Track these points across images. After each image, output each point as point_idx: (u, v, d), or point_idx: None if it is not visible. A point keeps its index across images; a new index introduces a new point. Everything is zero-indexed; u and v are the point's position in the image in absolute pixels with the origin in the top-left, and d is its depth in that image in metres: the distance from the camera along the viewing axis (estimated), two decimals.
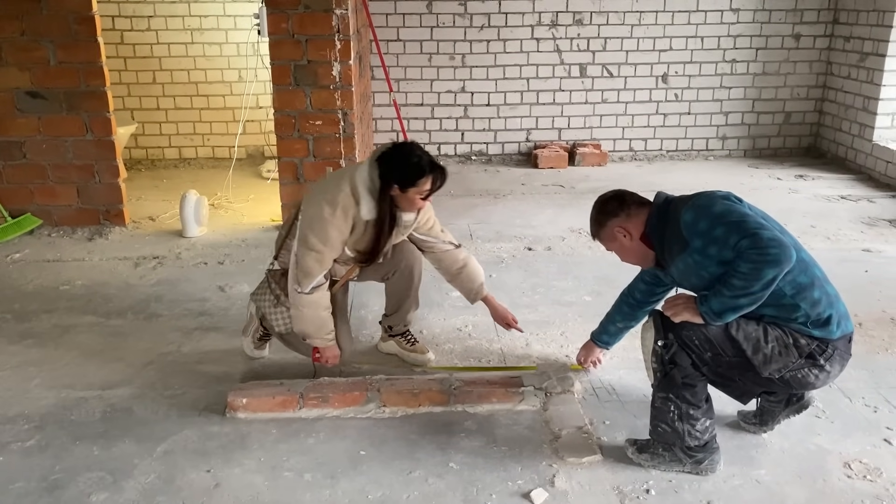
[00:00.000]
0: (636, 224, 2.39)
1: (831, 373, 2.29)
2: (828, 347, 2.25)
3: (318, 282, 2.76)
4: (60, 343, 3.32)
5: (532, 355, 3.19)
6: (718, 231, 2.17)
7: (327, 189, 2.74)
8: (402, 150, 2.68)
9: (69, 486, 2.34)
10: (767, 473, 2.39)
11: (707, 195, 2.31)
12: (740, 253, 2.11)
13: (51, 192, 4.81)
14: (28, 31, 4.52)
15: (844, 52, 6.48)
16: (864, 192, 5.66)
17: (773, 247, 2.08)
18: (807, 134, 6.94)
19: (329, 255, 2.75)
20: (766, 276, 2.09)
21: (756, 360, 2.24)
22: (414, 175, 2.65)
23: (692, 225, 2.23)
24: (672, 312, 2.28)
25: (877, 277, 3.98)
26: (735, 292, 2.14)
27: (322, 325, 2.83)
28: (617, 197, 2.46)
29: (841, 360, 2.28)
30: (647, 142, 6.93)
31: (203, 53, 6.71)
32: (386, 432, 2.62)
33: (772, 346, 2.23)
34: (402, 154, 2.66)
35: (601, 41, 6.62)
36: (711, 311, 2.19)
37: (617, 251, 2.50)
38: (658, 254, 2.41)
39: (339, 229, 2.71)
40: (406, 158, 2.65)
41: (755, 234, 2.10)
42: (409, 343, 3.17)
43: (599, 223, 2.46)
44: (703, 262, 2.22)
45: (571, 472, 2.40)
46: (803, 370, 2.26)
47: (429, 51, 6.59)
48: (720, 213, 2.21)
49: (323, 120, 4.67)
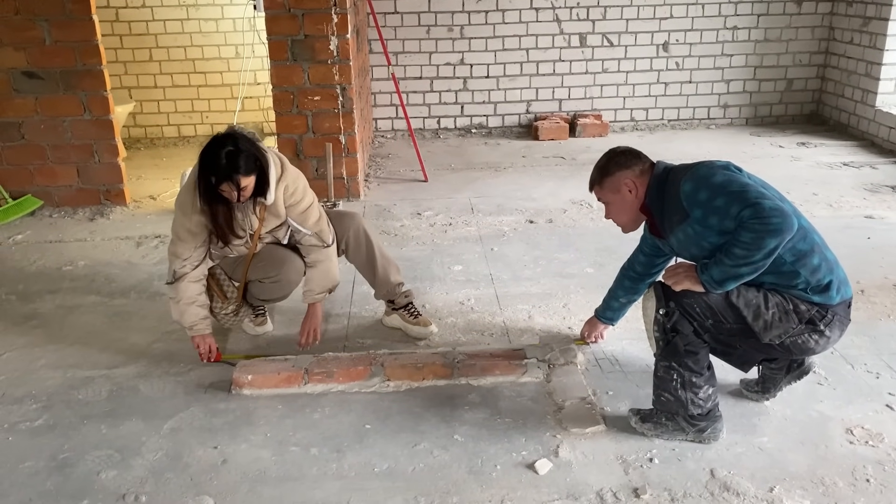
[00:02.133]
0: (642, 183, 2.38)
1: (831, 338, 2.30)
2: (827, 313, 2.25)
3: (180, 271, 2.84)
4: (65, 323, 3.34)
5: (534, 328, 3.20)
6: (719, 201, 2.16)
7: (184, 187, 2.84)
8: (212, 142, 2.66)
9: (78, 465, 2.37)
10: (770, 440, 2.41)
11: (707, 165, 2.30)
12: (742, 222, 2.11)
13: (51, 172, 4.80)
14: (22, 11, 4.47)
15: (847, 16, 6.40)
16: (866, 159, 5.63)
17: (776, 216, 2.07)
18: (809, 101, 6.89)
19: (181, 246, 2.84)
20: (769, 245, 2.09)
21: (757, 327, 2.25)
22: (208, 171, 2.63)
23: (692, 195, 2.22)
24: (673, 281, 2.28)
25: (879, 244, 3.97)
26: (736, 261, 2.14)
27: (182, 314, 2.89)
28: (632, 151, 2.44)
29: (840, 325, 2.29)
30: (649, 111, 6.88)
31: (199, 30, 6.65)
32: (390, 406, 2.64)
33: (772, 312, 2.24)
34: (209, 147, 2.66)
35: (601, 10, 6.54)
36: (712, 279, 2.20)
37: (613, 205, 2.45)
38: (658, 223, 2.41)
39: (184, 225, 2.80)
40: (207, 152, 2.64)
41: (757, 203, 2.09)
42: (413, 316, 3.18)
43: (607, 171, 2.42)
44: (703, 233, 2.22)
45: (575, 442, 2.42)
46: (803, 336, 2.27)
47: (427, 23, 6.53)
48: (721, 182, 2.20)
49: (321, 95, 4.64)
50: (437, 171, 5.55)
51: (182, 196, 2.83)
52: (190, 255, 2.84)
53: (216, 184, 2.64)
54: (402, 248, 4.11)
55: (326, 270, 3.02)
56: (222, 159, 2.60)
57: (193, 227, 2.80)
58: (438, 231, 4.36)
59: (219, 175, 2.62)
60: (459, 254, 4.00)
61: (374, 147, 6.36)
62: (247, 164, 2.64)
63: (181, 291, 2.86)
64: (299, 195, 2.90)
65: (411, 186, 5.24)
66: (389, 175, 5.54)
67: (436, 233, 4.33)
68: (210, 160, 2.63)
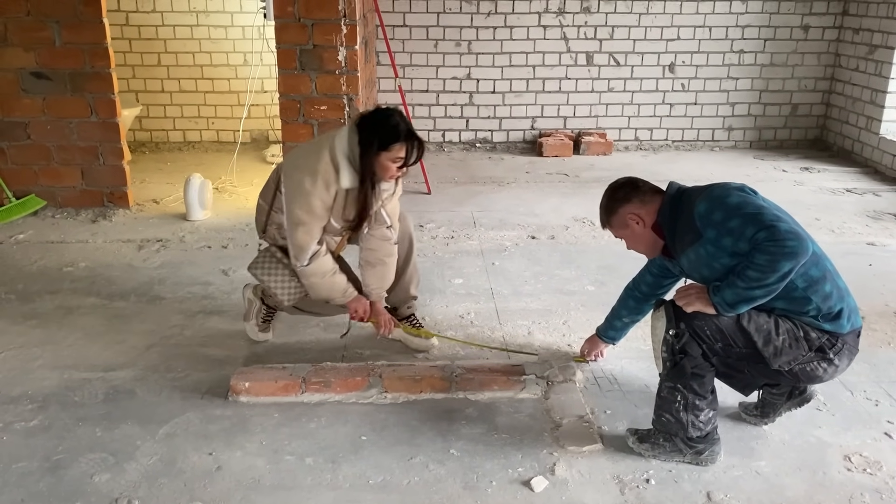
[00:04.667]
0: (649, 211, 2.37)
1: (839, 367, 2.29)
2: (837, 341, 2.24)
3: (314, 251, 2.79)
4: (64, 324, 3.33)
5: (534, 343, 3.19)
6: (734, 222, 2.15)
7: (308, 159, 2.74)
8: (380, 113, 2.68)
9: (71, 467, 2.35)
10: (767, 465, 2.39)
11: (722, 186, 2.29)
12: (757, 244, 2.09)
13: (55, 173, 4.81)
14: (34, 12, 4.50)
15: (853, 44, 6.44)
16: (869, 186, 5.63)
17: (791, 239, 2.06)
18: (813, 126, 6.91)
19: (316, 224, 2.77)
20: (783, 268, 2.08)
21: (766, 352, 2.24)
22: (388, 138, 2.63)
23: (706, 215, 2.21)
24: (684, 302, 2.27)
25: (880, 271, 3.97)
26: (750, 283, 2.13)
27: (333, 287, 2.88)
28: (630, 183, 2.44)
29: (849, 354, 2.28)
30: (653, 131, 6.91)
31: (208, 36, 6.68)
32: (387, 418, 2.63)
33: (783, 338, 2.23)
34: (380, 117, 2.66)
35: (608, 29, 6.58)
36: (724, 301, 2.18)
37: (627, 238, 2.47)
38: (669, 244, 2.40)
39: (322, 199, 2.72)
40: (383, 121, 2.64)
41: (773, 225, 2.09)
42: (414, 328, 3.18)
43: (611, 210, 2.43)
44: (716, 253, 2.21)
45: (572, 460, 2.40)
46: (812, 363, 2.27)
47: (435, 37, 6.56)
48: (736, 204, 2.19)
49: (328, 105, 4.65)
50: (440, 184, 5.56)
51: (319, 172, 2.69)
52: (319, 234, 2.80)
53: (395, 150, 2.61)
54: None
55: (392, 267, 3.01)
56: (401, 125, 2.60)
57: (330, 203, 2.75)
58: (440, 244, 4.36)
59: (405, 138, 2.61)
60: (460, 267, 4.00)
61: None
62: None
63: (323, 265, 2.83)
64: (401, 187, 2.92)
65: (414, 198, 5.25)
66: None
67: (437, 245, 4.33)
68: (386, 127, 2.61)
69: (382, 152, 2.65)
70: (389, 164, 2.67)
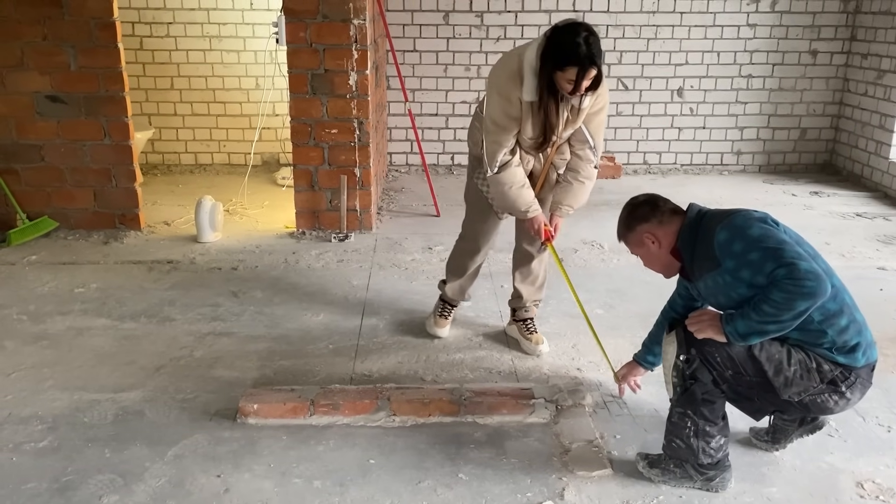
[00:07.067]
0: (666, 232, 2.35)
1: (851, 400, 2.26)
2: (851, 375, 2.22)
3: (503, 160, 2.83)
4: (74, 345, 3.35)
5: (543, 367, 3.18)
6: (754, 255, 2.13)
7: (500, 69, 2.78)
8: (568, 29, 2.58)
9: (80, 488, 2.36)
10: (779, 491, 2.37)
11: (744, 215, 2.25)
12: (775, 281, 2.07)
13: (68, 195, 4.85)
14: (50, 36, 4.57)
15: (861, 69, 6.45)
16: (879, 210, 5.62)
17: (811, 279, 2.03)
18: (822, 150, 6.91)
19: (503, 134, 2.79)
20: (799, 307, 2.06)
21: (777, 382, 2.22)
22: (564, 58, 2.56)
23: (726, 245, 2.19)
24: (696, 328, 2.25)
25: (891, 296, 3.95)
26: (764, 318, 2.10)
27: (516, 200, 2.91)
28: (650, 202, 2.41)
29: (862, 388, 2.26)
30: (662, 155, 6.92)
31: (221, 60, 6.76)
32: (395, 441, 2.63)
33: (794, 369, 2.21)
34: (565, 33, 2.58)
35: (617, 54, 6.62)
36: (736, 332, 2.16)
37: (642, 257, 2.45)
38: (687, 267, 2.37)
39: (504, 109, 2.75)
40: (567, 38, 2.56)
41: (793, 263, 2.05)
42: (529, 332, 3.26)
43: (628, 226, 2.41)
44: (734, 284, 2.18)
45: (581, 485, 2.39)
46: (823, 395, 2.24)
47: (444, 62, 6.62)
48: (757, 237, 2.16)
49: (338, 128, 4.70)
50: (449, 206, 5.57)
51: (504, 82, 2.72)
52: (510, 143, 2.81)
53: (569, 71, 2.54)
54: (412, 281, 4.12)
55: (587, 190, 2.98)
56: (582, 46, 2.51)
57: (516, 112, 2.74)
58: None
59: (580, 62, 2.52)
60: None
61: (387, 181, 6.41)
62: (600, 52, 2.57)
63: (512, 176, 2.85)
64: (603, 101, 2.85)
65: (423, 221, 5.27)
66: (402, 209, 5.57)
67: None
68: (567, 46, 2.53)
69: (557, 70, 2.60)
70: (564, 83, 2.62)
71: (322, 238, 4.83)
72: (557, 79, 2.63)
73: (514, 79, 2.70)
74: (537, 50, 2.64)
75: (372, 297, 3.91)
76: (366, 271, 4.27)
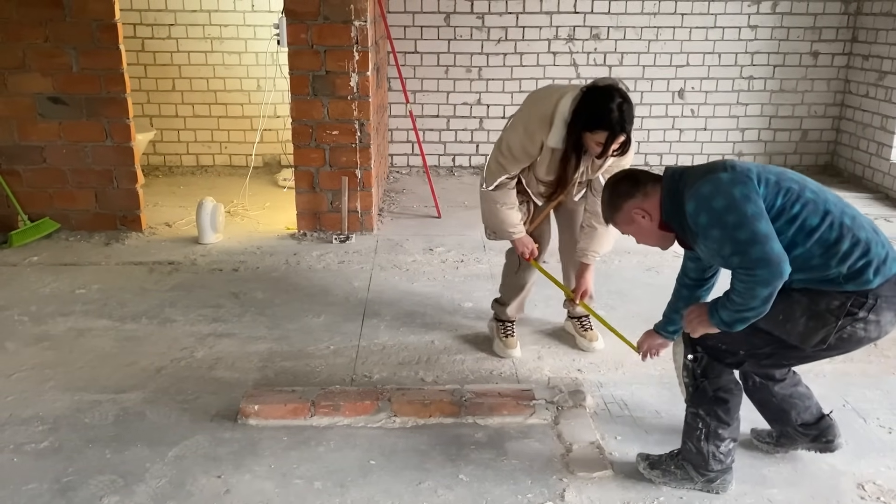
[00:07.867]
0: (653, 203, 2.23)
1: (881, 321, 2.09)
2: (867, 298, 2.06)
3: (502, 182, 2.92)
4: (75, 346, 3.35)
5: (543, 368, 3.18)
6: (715, 233, 2.06)
7: (537, 103, 2.82)
8: (603, 92, 2.63)
9: (81, 489, 2.36)
10: (780, 493, 2.37)
11: (711, 181, 2.09)
12: (732, 269, 2.05)
13: (69, 196, 4.86)
14: (51, 38, 4.58)
15: (863, 70, 6.45)
16: (880, 212, 5.61)
17: (761, 267, 1.98)
18: (823, 152, 6.91)
19: (512, 162, 2.89)
20: (761, 294, 2.02)
21: (793, 339, 2.14)
22: (595, 122, 2.61)
23: (694, 217, 2.10)
24: (690, 329, 2.25)
25: None
26: (737, 307, 2.08)
27: (506, 219, 2.98)
28: (630, 176, 2.30)
29: (890, 306, 2.07)
30: (663, 157, 6.92)
31: (222, 62, 6.77)
32: (396, 442, 2.63)
33: (801, 320, 2.10)
34: (599, 96, 2.62)
35: (618, 56, 6.63)
36: (722, 321, 2.14)
37: (635, 234, 2.33)
38: (680, 236, 2.27)
39: (524, 144, 2.82)
40: (600, 102, 2.60)
41: (744, 252, 2.00)
42: (584, 329, 3.35)
43: (615, 206, 2.29)
44: (717, 248, 2.10)
45: (582, 486, 2.39)
46: (847, 329, 2.09)
47: (446, 63, 6.63)
48: (720, 209, 2.04)
49: (340, 130, 4.70)
50: (450, 207, 5.58)
51: (533, 120, 2.79)
52: (515, 172, 2.92)
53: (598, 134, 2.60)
54: (413, 283, 4.12)
55: (612, 233, 2.98)
56: (615, 112, 2.56)
57: (534, 152, 2.82)
58: (450, 267, 4.37)
59: (611, 127, 2.58)
60: (470, 291, 4.00)
61: (388, 182, 6.42)
62: (632, 119, 2.60)
63: (506, 196, 2.96)
64: (627, 160, 2.89)
65: (424, 222, 5.27)
66: (403, 210, 5.58)
67: (447, 269, 4.34)
68: (600, 110, 2.58)
69: (587, 131, 2.65)
70: (592, 144, 2.67)
71: (323, 239, 4.83)
72: (586, 138, 2.68)
73: (544, 122, 2.75)
74: (572, 104, 2.68)
75: (373, 298, 3.91)
76: (367, 272, 4.27)
